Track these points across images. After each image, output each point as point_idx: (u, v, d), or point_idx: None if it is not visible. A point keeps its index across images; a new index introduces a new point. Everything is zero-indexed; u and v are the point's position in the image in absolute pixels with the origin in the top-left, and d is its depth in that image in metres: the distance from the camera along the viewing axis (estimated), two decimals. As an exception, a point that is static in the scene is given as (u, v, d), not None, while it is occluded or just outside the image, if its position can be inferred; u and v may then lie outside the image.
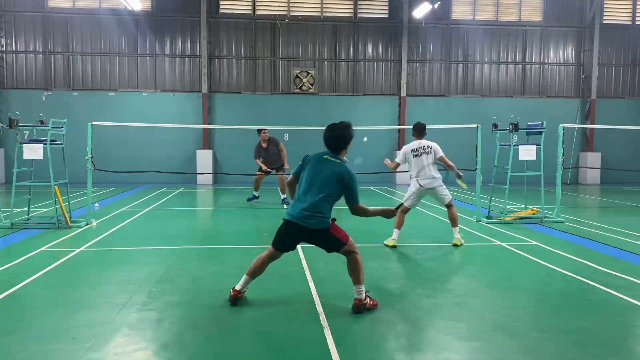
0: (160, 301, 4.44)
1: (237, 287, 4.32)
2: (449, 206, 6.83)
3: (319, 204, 4.02)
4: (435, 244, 7.06)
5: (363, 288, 4.13)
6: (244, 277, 4.36)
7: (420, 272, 5.64)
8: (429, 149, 6.65)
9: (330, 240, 4.12)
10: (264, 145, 11.31)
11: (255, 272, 4.38)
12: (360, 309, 4.08)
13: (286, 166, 11.39)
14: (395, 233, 6.71)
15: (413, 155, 6.66)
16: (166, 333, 3.76)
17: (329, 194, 4.05)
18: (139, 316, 4.07)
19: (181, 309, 4.26)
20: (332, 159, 4.18)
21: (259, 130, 11.35)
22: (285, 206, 11.31)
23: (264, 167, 11.20)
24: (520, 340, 3.60)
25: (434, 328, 3.91)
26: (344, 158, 4.26)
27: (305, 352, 3.45)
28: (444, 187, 6.80)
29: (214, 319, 4.05)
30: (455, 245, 6.75)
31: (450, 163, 6.74)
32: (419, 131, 6.82)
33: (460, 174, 6.89)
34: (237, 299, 4.31)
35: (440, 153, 6.71)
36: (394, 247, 6.67)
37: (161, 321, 3.97)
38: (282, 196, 11.63)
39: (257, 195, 11.70)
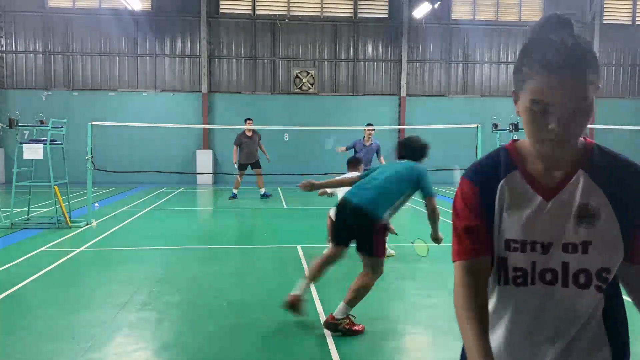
0: (160, 301, 4.44)
1: (297, 292, 3.87)
2: None
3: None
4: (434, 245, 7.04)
5: (348, 310, 3.65)
6: (303, 280, 3.94)
7: (420, 273, 5.63)
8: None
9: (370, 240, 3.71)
10: (248, 134, 11.82)
11: (316, 277, 3.98)
12: (331, 326, 3.63)
13: (267, 157, 12.04)
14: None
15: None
16: (166, 333, 3.76)
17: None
18: (138, 316, 4.07)
19: (181, 309, 4.26)
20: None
21: (246, 120, 11.92)
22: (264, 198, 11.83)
23: (235, 159, 11.87)
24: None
25: (433, 328, 3.91)
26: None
27: (305, 352, 3.45)
28: None
29: (214, 319, 4.05)
30: (391, 256, 5.97)
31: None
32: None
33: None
34: (297, 305, 3.82)
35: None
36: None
37: (161, 321, 3.98)
38: (262, 191, 12.09)
39: (263, 192, 12.14)
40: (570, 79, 1.02)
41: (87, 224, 8.09)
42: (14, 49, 16.43)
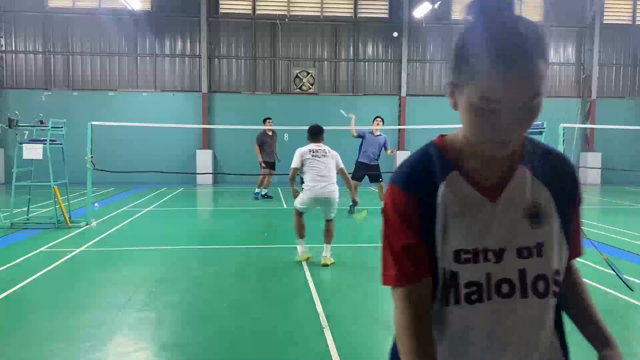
0: (160, 301, 4.43)
1: None
2: (330, 220, 5.78)
3: None
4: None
5: None
6: None
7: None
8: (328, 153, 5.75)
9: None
10: (269, 133, 11.88)
11: None
12: None
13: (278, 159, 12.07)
14: (301, 245, 5.79)
15: (313, 156, 5.67)
16: (166, 333, 3.75)
17: None
18: (138, 316, 4.06)
19: (181, 309, 4.25)
20: None
21: (265, 120, 12.02)
22: (261, 199, 11.74)
23: (260, 158, 11.80)
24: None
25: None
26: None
27: (305, 352, 3.45)
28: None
29: (214, 319, 4.04)
30: (325, 265, 5.62)
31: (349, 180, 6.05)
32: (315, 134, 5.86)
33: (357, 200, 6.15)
34: None
35: (341, 164, 5.83)
36: (308, 259, 5.82)
37: (161, 321, 3.97)
38: (256, 190, 11.98)
39: (264, 193, 12.01)
40: (524, 73, 0.88)
41: (87, 224, 8.08)
42: (13, 48, 16.42)
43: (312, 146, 5.75)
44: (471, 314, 1.02)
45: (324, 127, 6.15)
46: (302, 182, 5.78)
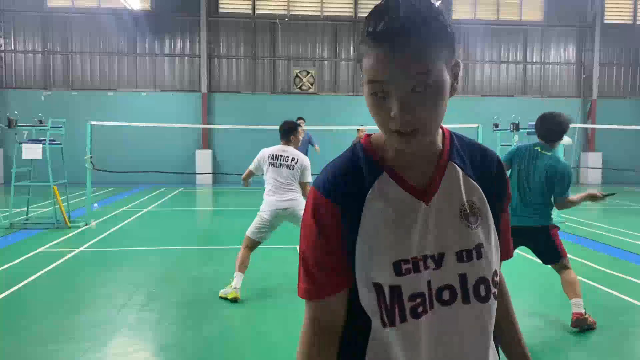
0: (160, 302, 4.41)
1: None
2: None
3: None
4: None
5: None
6: None
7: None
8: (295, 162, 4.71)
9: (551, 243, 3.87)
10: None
11: None
12: (581, 321, 3.73)
13: None
14: (238, 278, 4.51)
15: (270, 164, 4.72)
16: (166, 334, 3.73)
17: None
18: (138, 317, 4.04)
19: (181, 310, 4.23)
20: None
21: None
22: None
23: None
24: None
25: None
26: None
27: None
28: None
29: (213, 319, 4.03)
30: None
31: None
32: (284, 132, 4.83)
33: None
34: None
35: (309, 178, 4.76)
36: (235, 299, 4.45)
37: (160, 322, 3.95)
38: None
39: None
40: (404, 49, 0.82)
41: (86, 225, 8.07)
42: (12, 48, 16.40)
43: (276, 150, 4.73)
44: (417, 328, 0.93)
45: (324, 127, 5.97)
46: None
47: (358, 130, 10.79)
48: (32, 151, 7.79)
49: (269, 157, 4.71)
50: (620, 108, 18.18)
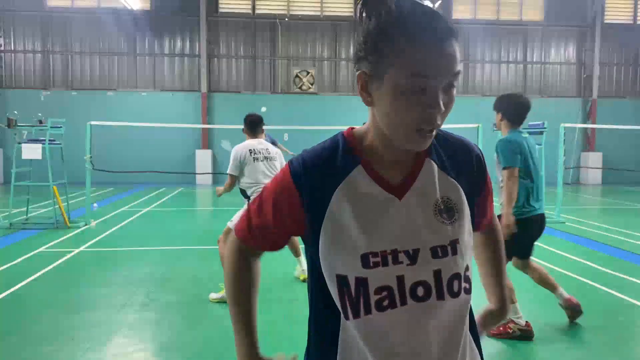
0: (160, 302, 4.41)
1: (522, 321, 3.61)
2: None
3: None
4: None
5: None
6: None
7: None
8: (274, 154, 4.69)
9: None
10: None
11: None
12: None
13: None
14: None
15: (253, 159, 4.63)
16: (165, 334, 3.73)
17: None
18: (138, 317, 4.04)
19: (180, 310, 4.23)
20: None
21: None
22: None
23: None
24: (520, 340, 3.57)
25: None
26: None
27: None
28: None
29: (213, 319, 4.02)
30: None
31: None
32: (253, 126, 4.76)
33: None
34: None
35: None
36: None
37: (160, 322, 3.95)
38: None
39: None
40: (451, 46, 0.87)
41: (86, 225, 8.06)
42: (12, 48, 16.39)
43: (251, 143, 4.64)
44: (383, 322, 0.93)
45: (324, 127, 5.94)
46: (246, 198, 4.71)
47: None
48: (32, 151, 7.79)
49: (249, 152, 4.58)
50: (620, 108, 18.17)
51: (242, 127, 4.96)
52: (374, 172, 0.97)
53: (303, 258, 4.65)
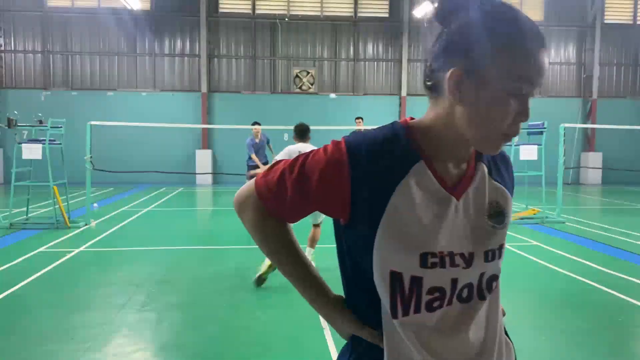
0: (160, 302, 4.41)
1: None
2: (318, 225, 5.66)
3: None
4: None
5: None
6: None
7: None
8: None
9: None
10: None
11: None
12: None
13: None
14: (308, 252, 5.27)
15: None
16: (165, 334, 3.73)
17: None
18: (138, 317, 4.04)
19: (180, 310, 4.23)
20: None
21: (356, 119, 11.13)
22: None
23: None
24: (521, 340, 3.57)
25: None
26: None
27: (306, 352, 3.43)
28: None
29: (213, 319, 4.02)
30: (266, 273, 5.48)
31: None
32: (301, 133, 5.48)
33: None
34: None
35: None
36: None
37: (160, 322, 3.95)
38: None
39: None
40: (547, 51, 0.89)
41: (86, 225, 8.06)
42: (12, 48, 16.40)
43: (301, 146, 5.27)
44: (430, 321, 0.93)
45: (324, 127, 6.09)
46: None
47: (358, 120, 10.96)
48: (32, 151, 7.79)
49: (299, 153, 4.86)
50: (620, 108, 18.17)
51: (242, 127, 5.18)
52: (434, 169, 0.94)
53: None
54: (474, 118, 0.88)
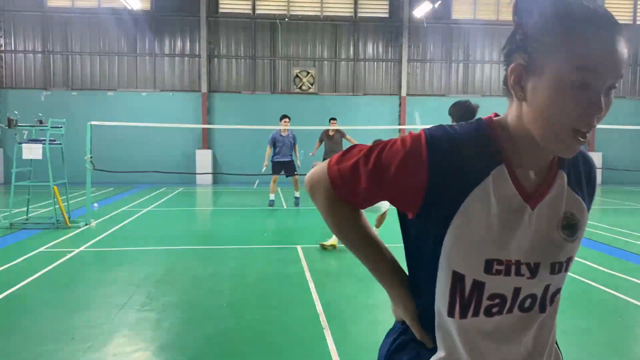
0: (160, 302, 4.41)
1: None
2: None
3: None
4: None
5: None
6: None
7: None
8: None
9: None
10: (330, 133, 10.85)
11: None
12: None
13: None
14: None
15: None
16: (165, 334, 3.73)
17: None
18: (138, 317, 4.04)
19: (180, 310, 4.23)
20: None
21: (330, 120, 10.95)
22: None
23: (314, 153, 11.39)
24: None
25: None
26: None
27: (306, 352, 3.43)
28: None
29: (213, 319, 4.02)
30: (330, 247, 6.24)
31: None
32: None
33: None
34: None
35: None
36: (333, 247, 6.23)
37: (160, 322, 3.95)
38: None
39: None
40: (619, 44, 0.81)
41: (86, 224, 8.07)
42: (12, 48, 16.40)
43: None
44: (486, 326, 0.92)
45: (324, 127, 6.16)
46: None
47: (332, 121, 10.83)
48: (32, 151, 7.79)
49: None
50: (620, 108, 18.16)
51: (242, 127, 5.22)
52: (513, 175, 0.91)
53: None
54: (538, 114, 0.85)
